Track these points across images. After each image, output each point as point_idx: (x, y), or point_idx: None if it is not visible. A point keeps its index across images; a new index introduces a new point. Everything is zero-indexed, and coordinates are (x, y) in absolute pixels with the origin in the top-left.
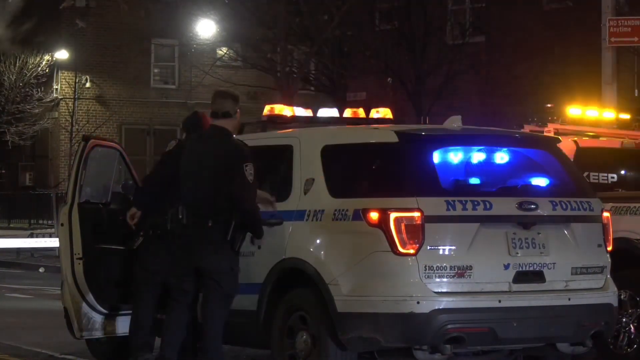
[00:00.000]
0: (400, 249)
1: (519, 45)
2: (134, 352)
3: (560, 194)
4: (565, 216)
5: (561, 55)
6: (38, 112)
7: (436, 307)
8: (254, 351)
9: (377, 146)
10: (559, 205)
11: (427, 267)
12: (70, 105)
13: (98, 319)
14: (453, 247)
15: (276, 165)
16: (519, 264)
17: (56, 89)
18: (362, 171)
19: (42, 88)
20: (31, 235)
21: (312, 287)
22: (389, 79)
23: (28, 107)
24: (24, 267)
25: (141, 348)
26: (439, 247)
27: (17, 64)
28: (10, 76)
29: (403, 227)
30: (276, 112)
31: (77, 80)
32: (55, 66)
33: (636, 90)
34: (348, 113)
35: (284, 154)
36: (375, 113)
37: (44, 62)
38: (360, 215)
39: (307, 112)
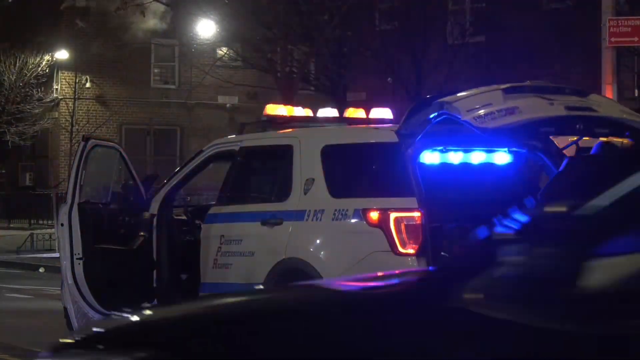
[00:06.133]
0: (400, 249)
1: (519, 45)
2: None
3: None
4: None
5: (561, 55)
6: (38, 112)
7: None
8: None
9: (377, 146)
10: None
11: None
12: (70, 105)
13: (98, 319)
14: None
15: (276, 165)
16: None
17: (56, 89)
18: (362, 171)
19: (42, 88)
20: (31, 236)
21: None
22: (389, 79)
23: (28, 107)
24: (24, 267)
25: None
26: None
27: (17, 64)
28: (10, 76)
29: (403, 227)
30: (276, 112)
31: (77, 80)
32: (55, 66)
33: (636, 90)
34: (348, 113)
35: (284, 154)
36: (375, 113)
37: (44, 62)
38: (360, 215)
39: (307, 112)
